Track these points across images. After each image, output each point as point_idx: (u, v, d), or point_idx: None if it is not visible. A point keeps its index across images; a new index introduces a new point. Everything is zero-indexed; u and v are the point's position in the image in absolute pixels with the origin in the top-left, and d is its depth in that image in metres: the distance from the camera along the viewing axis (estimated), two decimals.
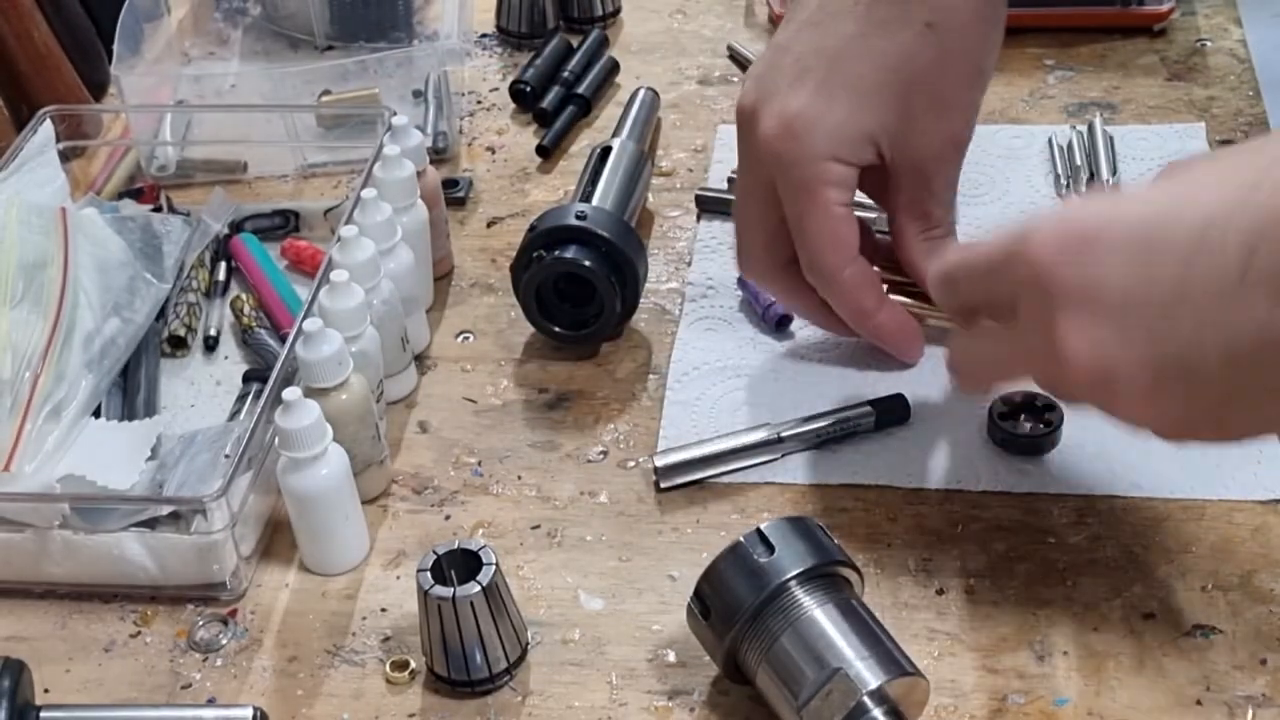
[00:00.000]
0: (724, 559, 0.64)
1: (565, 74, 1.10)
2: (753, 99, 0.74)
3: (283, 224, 0.98)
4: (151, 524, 0.73)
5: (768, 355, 0.86)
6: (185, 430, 0.82)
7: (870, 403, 0.80)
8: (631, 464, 0.80)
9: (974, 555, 0.72)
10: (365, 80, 1.06)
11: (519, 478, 0.80)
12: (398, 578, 0.74)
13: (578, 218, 0.84)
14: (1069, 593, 0.70)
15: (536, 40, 1.17)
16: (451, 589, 0.65)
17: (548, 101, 1.08)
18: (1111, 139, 0.99)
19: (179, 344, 0.89)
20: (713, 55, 1.14)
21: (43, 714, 0.64)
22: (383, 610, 0.73)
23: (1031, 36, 1.11)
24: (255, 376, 0.86)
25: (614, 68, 1.12)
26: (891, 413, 0.79)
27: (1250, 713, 0.64)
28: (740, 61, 1.12)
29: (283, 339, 0.86)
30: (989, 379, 0.70)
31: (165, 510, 0.73)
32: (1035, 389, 0.78)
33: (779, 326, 0.87)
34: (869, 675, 0.60)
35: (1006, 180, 0.98)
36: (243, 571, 0.74)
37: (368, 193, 0.82)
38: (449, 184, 1.00)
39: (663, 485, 0.78)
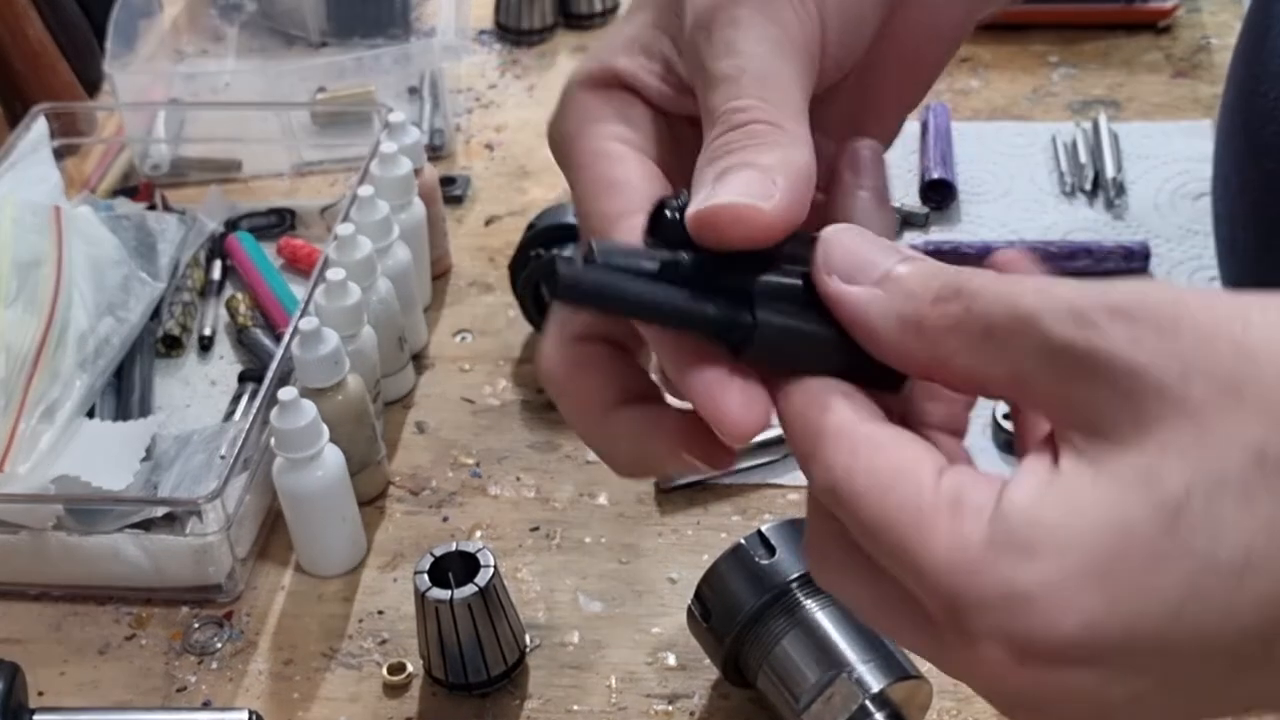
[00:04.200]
0: (725, 561, 0.64)
1: None
2: None
3: (278, 222, 0.98)
4: (146, 525, 0.73)
5: None
6: (180, 430, 0.81)
7: None
8: None
9: None
10: (361, 77, 1.05)
11: (517, 479, 0.79)
12: (395, 580, 0.74)
13: (577, 216, 0.83)
14: None
15: (535, 37, 1.17)
16: (449, 591, 0.64)
17: None
18: (1116, 136, 0.98)
19: (174, 343, 0.88)
20: None
21: (36, 717, 0.64)
22: (379, 613, 0.72)
23: (1035, 33, 1.10)
24: (251, 376, 0.85)
25: None
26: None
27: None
28: None
29: (278, 338, 0.85)
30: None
31: (160, 511, 0.73)
32: None
33: None
34: (871, 678, 0.59)
35: (1010, 177, 0.98)
36: (238, 573, 0.73)
37: (364, 190, 0.81)
38: (447, 182, 0.99)
39: (663, 486, 0.77)
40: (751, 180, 0.36)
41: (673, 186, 0.40)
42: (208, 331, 0.89)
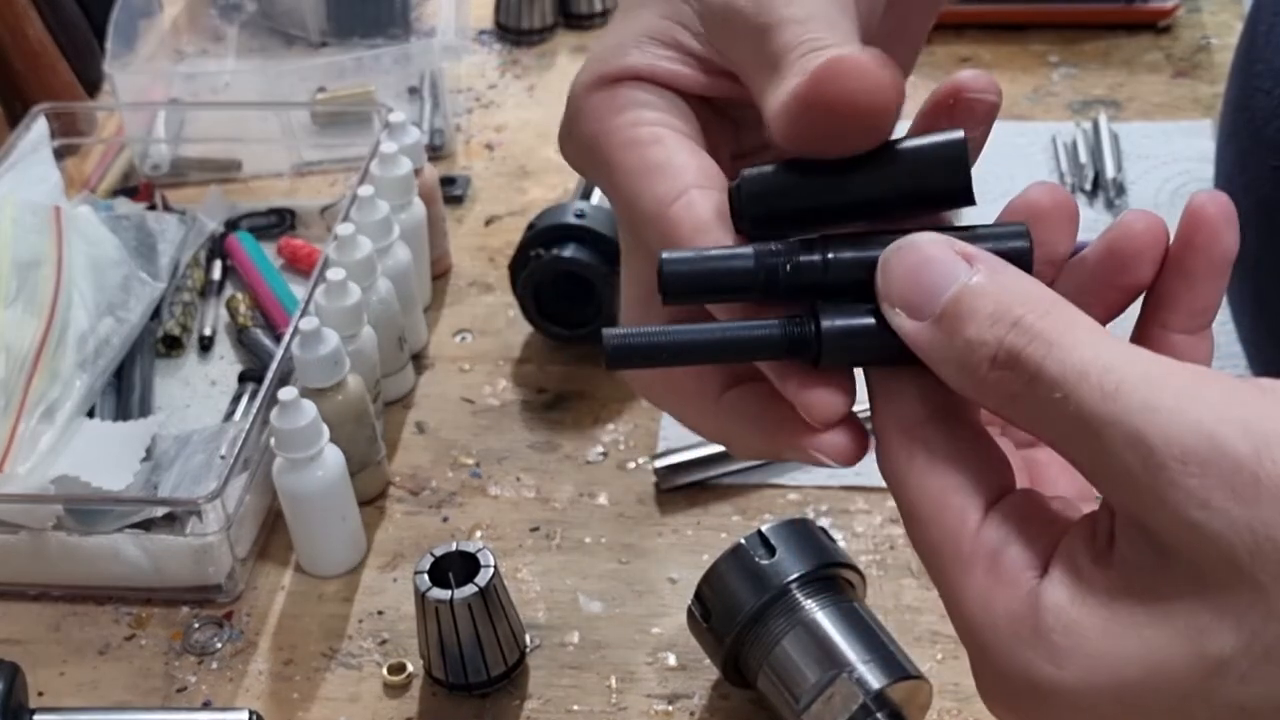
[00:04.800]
0: (725, 561, 0.64)
1: None
2: None
3: (278, 222, 0.98)
4: (146, 525, 0.72)
5: None
6: (180, 431, 0.81)
7: None
8: (631, 465, 0.79)
9: None
10: (361, 77, 1.05)
11: (517, 479, 0.79)
12: (395, 580, 0.74)
13: (577, 216, 0.83)
14: None
15: (535, 37, 1.17)
16: (449, 591, 0.64)
17: None
18: (1116, 136, 0.98)
19: (174, 343, 0.88)
20: None
21: (36, 717, 0.64)
22: (379, 613, 0.72)
23: (1035, 33, 1.10)
24: (251, 376, 0.85)
25: None
26: None
27: None
28: None
29: (278, 338, 0.85)
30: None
31: (160, 512, 0.73)
32: None
33: None
34: (871, 678, 0.59)
35: (1010, 178, 0.97)
36: (238, 573, 0.73)
37: (364, 190, 0.81)
38: (447, 182, 0.99)
39: (663, 487, 0.77)
40: (864, 51, 0.35)
41: (713, 163, 0.39)
42: (208, 331, 0.89)
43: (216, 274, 0.93)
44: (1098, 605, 0.32)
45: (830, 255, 0.35)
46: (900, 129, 0.36)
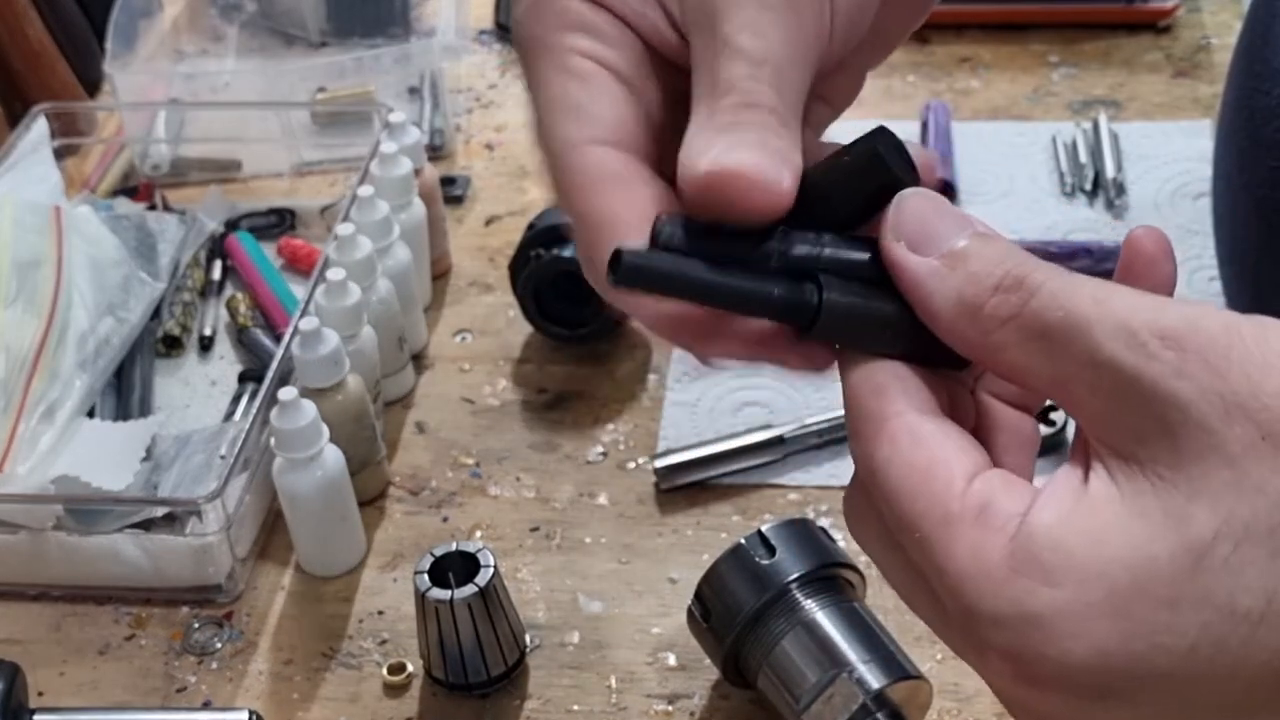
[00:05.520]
0: (725, 561, 0.64)
1: None
2: None
3: (278, 222, 0.98)
4: (146, 525, 0.73)
5: None
6: (180, 431, 0.81)
7: None
8: (631, 465, 0.79)
9: None
10: (361, 77, 1.05)
11: (517, 479, 0.79)
12: (395, 580, 0.74)
13: None
14: None
15: None
16: (449, 591, 0.64)
17: None
18: (1116, 136, 0.98)
19: (174, 343, 0.88)
20: None
21: (36, 717, 0.64)
22: (380, 613, 0.72)
23: (1035, 33, 1.10)
24: (251, 376, 0.85)
25: None
26: None
27: None
28: None
29: (278, 338, 0.85)
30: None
31: (160, 512, 0.73)
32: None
33: None
34: (871, 678, 0.59)
35: (1010, 178, 0.97)
36: (238, 573, 0.73)
37: (364, 190, 0.81)
38: (447, 182, 0.99)
39: (663, 487, 0.77)
40: (767, 157, 0.36)
41: (639, 116, 0.39)
42: (208, 331, 0.89)
43: (216, 274, 0.93)
44: (1082, 519, 0.32)
45: (826, 249, 0.36)
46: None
